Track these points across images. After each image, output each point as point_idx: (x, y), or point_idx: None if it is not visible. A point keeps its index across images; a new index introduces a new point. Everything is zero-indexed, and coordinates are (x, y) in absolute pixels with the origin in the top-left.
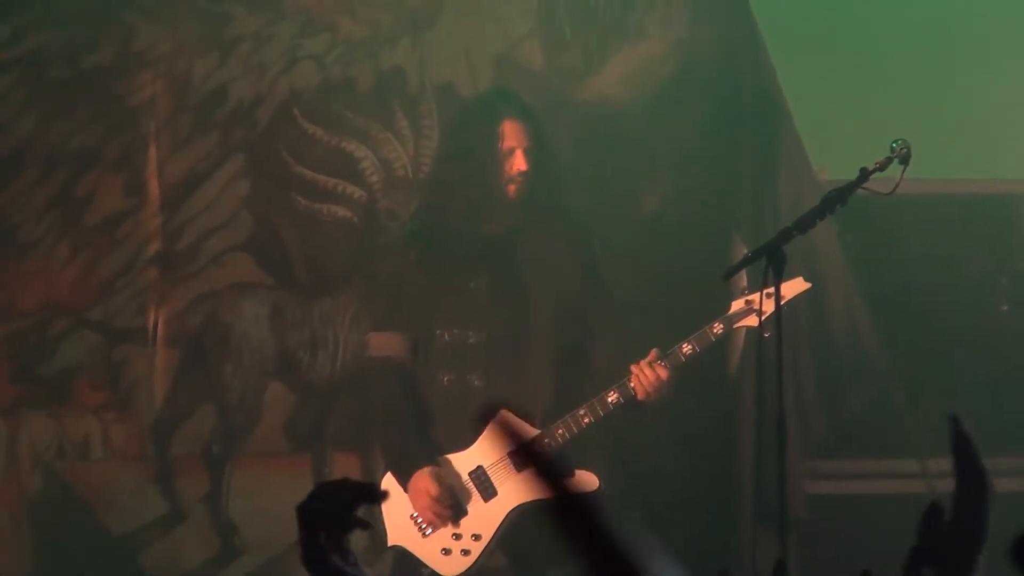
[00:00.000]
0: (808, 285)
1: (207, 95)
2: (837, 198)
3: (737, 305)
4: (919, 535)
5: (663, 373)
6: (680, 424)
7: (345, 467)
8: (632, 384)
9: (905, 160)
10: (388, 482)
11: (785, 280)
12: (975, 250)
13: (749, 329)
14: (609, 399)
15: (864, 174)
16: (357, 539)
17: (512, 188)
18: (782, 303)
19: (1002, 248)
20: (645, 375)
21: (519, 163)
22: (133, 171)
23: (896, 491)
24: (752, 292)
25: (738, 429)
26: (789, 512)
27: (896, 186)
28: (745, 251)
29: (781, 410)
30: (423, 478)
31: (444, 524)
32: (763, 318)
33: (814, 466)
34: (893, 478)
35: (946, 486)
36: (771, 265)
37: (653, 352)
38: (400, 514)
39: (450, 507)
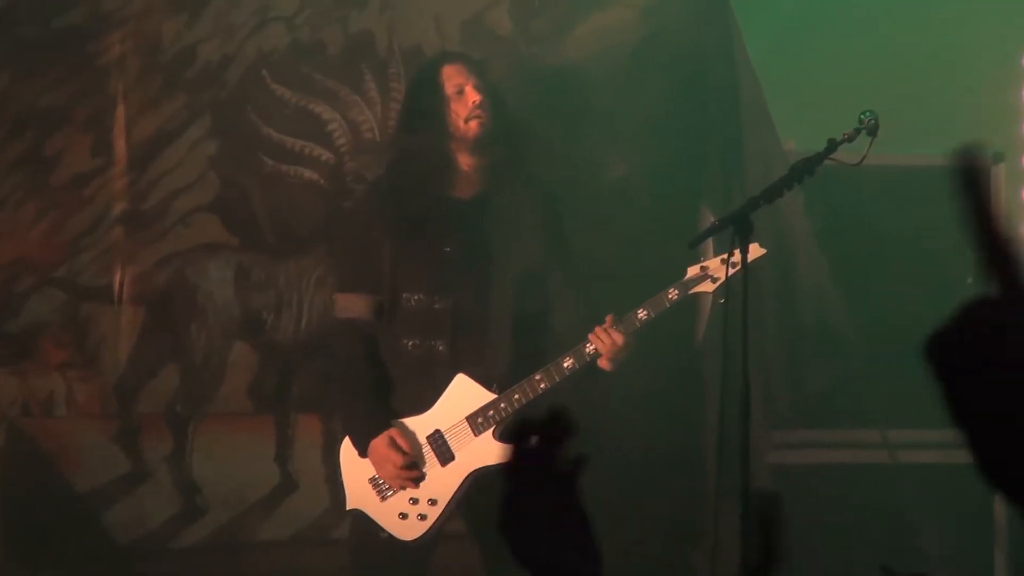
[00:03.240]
0: (763, 251)
1: (176, 55)
2: (805, 168)
3: (693, 271)
4: None
5: (618, 338)
6: (645, 394)
7: (307, 429)
8: (589, 349)
9: (873, 131)
10: (346, 447)
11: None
12: (941, 222)
13: (713, 297)
14: (564, 364)
15: (832, 145)
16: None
17: (474, 124)
18: (738, 268)
19: None
20: (601, 340)
21: (472, 96)
22: (101, 131)
23: (858, 461)
24: (708, 259)
25: (703, 399)
26: (752, 482)
27: (864, 157)
28: (712, 220)
29: (746, 378)
30: (383, 443)
31: (409, 487)
32: (718, 284)
33: (777, 436)
34: (856, 448)
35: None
36: (737, 233)
37: (609, 317)
38: (359, 478)
39: (414, 471)
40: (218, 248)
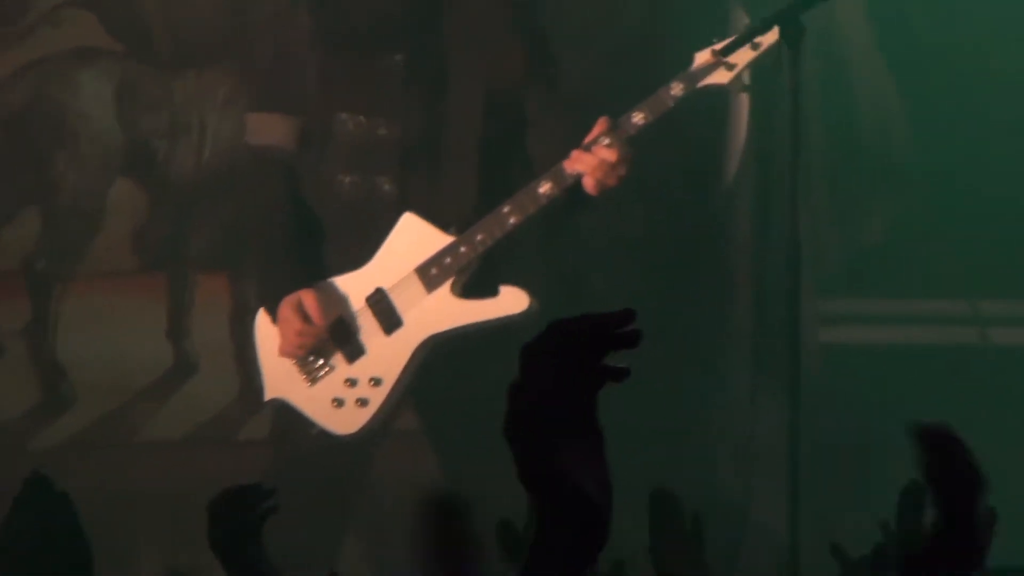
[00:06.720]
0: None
1: None
2: None
3: (702, 58)
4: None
5: (609, 154)
6: (643, 244)
7: (210, 291)
8: (569, 169)
9: None
10: (263, 319)
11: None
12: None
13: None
14: (540, 190)
15: None
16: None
17: None
18: (760, 51)
19: None
20: (585, 159)
21: None
22: None
23: (935, 341)
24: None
25: (730, 250)
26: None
27: None
28: (747, 20)
29: (794, 227)
30: (288, 306)
31: (307, 358)
32: (735, 72)
33: (826, 307)
34: (931, 324)
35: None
36: (784, 40)
37: (601, 123)
38: (281, 359)
39: (316, 339)
40: (95, 55)
